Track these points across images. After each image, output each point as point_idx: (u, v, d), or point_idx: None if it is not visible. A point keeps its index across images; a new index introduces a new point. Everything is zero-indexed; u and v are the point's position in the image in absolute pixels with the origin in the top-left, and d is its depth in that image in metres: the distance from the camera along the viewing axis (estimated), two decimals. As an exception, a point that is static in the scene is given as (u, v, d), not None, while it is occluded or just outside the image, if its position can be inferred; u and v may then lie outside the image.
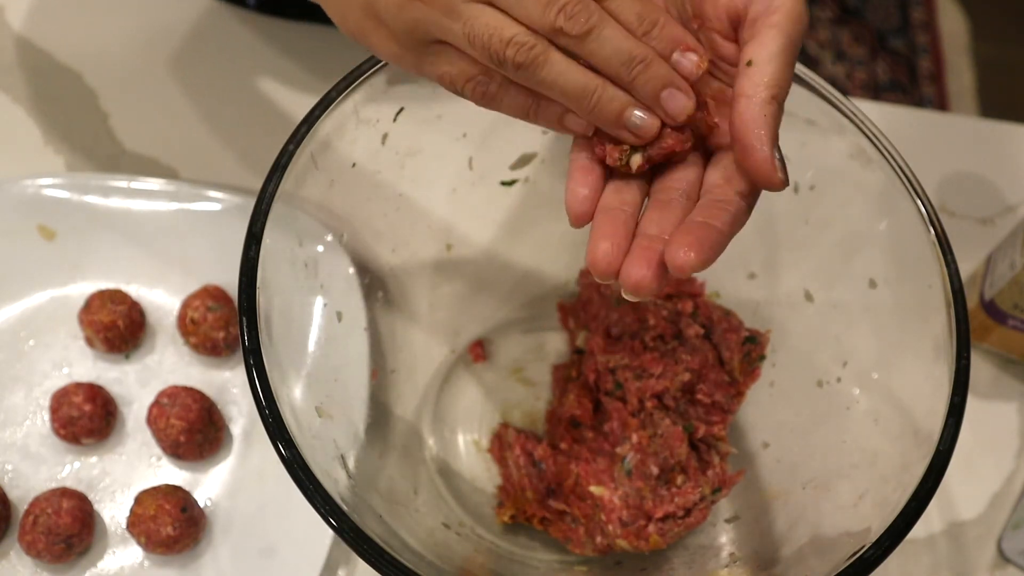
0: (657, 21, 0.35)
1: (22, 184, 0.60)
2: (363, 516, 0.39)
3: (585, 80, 0.34)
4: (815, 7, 1.64)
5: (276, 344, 0.41)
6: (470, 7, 0.34)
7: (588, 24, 0.33)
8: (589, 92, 0.34)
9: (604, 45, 0.34)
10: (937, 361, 0.41)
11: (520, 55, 0.34)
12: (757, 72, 0.34)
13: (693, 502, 0.48)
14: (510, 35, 0.34)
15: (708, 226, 0.34)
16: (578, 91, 0.34)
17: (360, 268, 0.52)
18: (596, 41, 0.34)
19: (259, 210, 0.42)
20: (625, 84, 0.34)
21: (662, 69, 0.34)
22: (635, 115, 0.35)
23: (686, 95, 0.34)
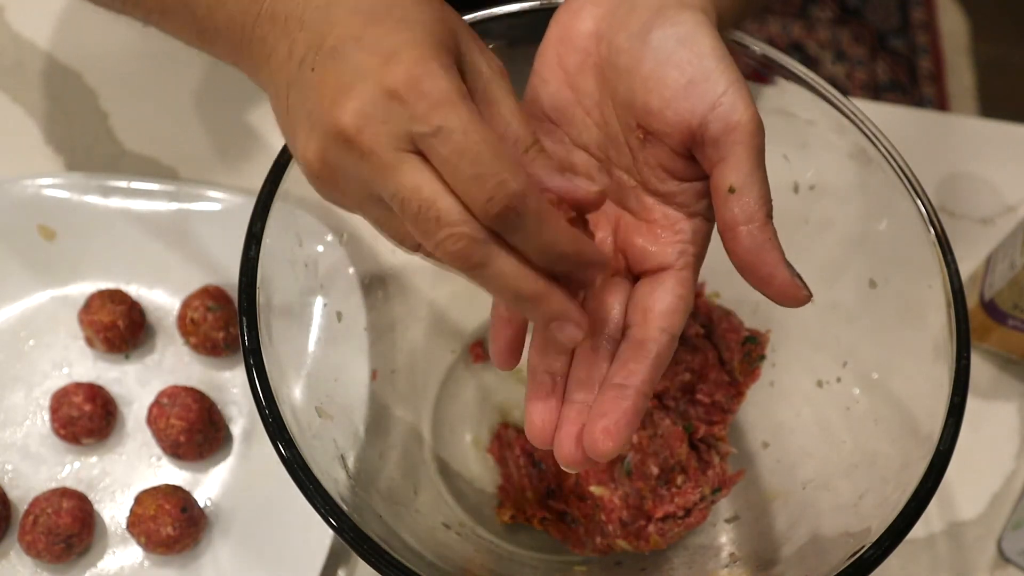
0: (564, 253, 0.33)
1: (22, 184, 0.60)
2: (363, 516, 0.39)
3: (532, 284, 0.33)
4: (815, 7, 1.64)
5: (276, 344, 0.41)
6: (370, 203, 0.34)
7: (470, 262, 0.32)
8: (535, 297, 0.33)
9: (489, 282, 0.33)
10: (937, 361, 0.41)
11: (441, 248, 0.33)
12: (744, 197, 0.34)
13: (693, 502, 0.48)
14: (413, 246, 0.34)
15: (623, 391, 0.35)
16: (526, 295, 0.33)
17: (360, 268, 0.52)
18: (481, 278, 0.33)
19: (259, 210, 0.42)
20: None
21: (550, 306, 0.33)
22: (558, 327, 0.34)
23: (577, 324, 0.34)
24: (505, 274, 0.32)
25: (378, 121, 0.32)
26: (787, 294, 0.35)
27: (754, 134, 0.35)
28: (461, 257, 0.32)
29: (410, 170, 0.31)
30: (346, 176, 0.33)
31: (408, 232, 0.34)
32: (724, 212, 0.35)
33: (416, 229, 0.32)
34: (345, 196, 0.35)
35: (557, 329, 0.33)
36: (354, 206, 0.35)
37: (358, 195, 0.34)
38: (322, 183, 0.35)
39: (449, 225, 0.31)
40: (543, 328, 0.34)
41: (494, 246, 0.32)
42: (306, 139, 0.34)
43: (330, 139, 0.33)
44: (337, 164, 0.33)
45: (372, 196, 0.33)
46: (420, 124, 0.31)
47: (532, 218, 0.31)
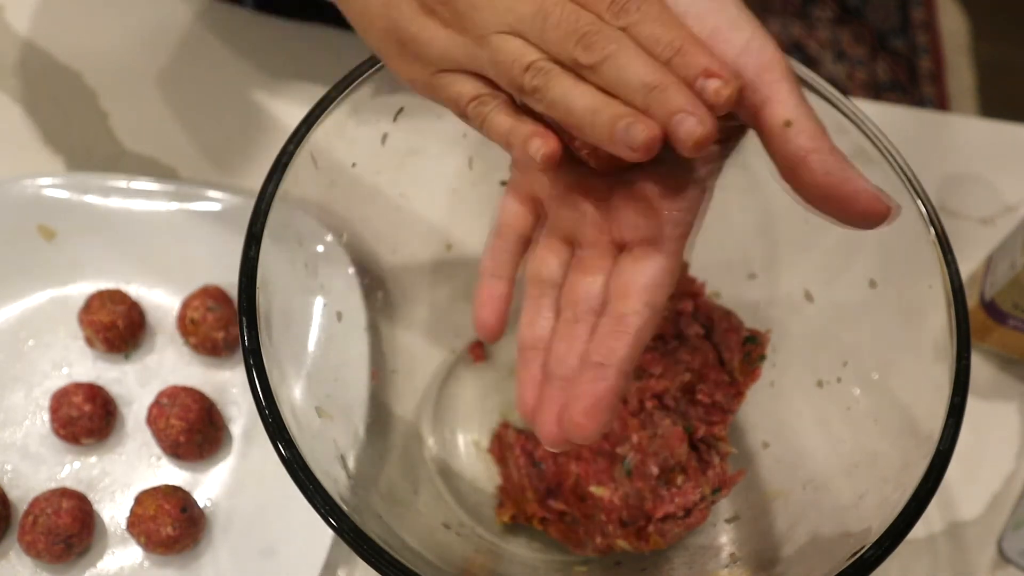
0: (680, 48, 0.34)
1: (22, 184, 0.60)
2: (363, 516, 0.39)
3: (590, 100, 0.34)
4: (815, 7, 1.64)
5: (276, 344, 0.41)
6: (498, 38, 0.35)
7: (604, 52, 0.34)
8: (590, 110, 0.34)
9: (620, 72, 0.34)
10: (937, 361, 0.41)
11: (536, 79, 0.34)
12: (804, 127, 0.34)
13: (693, 502, 0.48)
14: (529, 60, 0.34)
15: (602, 371, 0.35)
16: (580, 109, 0.34)
17: (360, 268, 0.52)
18: (612, 69, 0.34)
19: (259, 210, 0.42)
20: (641, 111, 0.34)
21: (677, 96, 0.33)
22: (629, 124, 0.33)
23: (697, 120, 0.32)
24: (636, 60, 0.33)
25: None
26: (876, 209, 0.34)
27: (791, 71, 0.35)
28: (597, 48, 0.33)
29: (503, 37, 0.35)
30: (477, 17, 0.35)
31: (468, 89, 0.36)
32: (787, 146, 0.34)
33: (554, 35, 0.34)
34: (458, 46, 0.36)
35: (680, 121, 0.32)
36: (465, 56, 0.36)
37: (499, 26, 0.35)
38: (437, 42, 0.36)
39: (589, 23, 0.34)
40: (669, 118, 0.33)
41: (624, 38, 0.34)
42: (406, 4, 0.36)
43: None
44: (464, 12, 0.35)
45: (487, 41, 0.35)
46: None
47: (652, 9, 0.34)
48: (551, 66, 0.34)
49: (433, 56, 0.37)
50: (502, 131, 0.36)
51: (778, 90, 0.35)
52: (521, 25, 0.35)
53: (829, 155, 0.34)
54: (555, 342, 0.37)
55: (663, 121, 0.33)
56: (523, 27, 0.35)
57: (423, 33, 0.36)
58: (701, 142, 0.32)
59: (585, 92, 0.34)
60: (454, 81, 0.37)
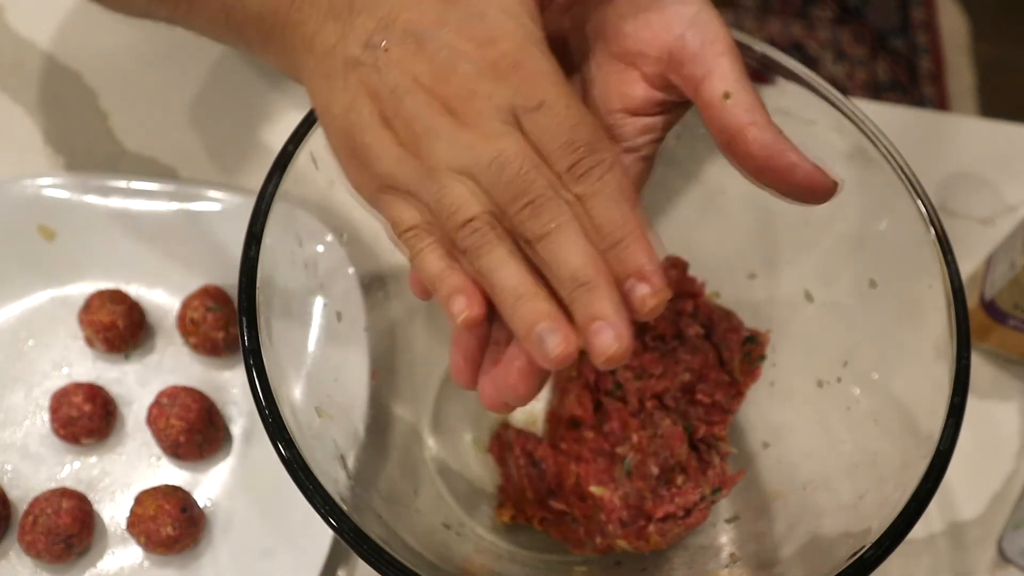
0: (619, 240, 0.32)
1: (22, 184, 0.60)
2: (363, 516, 0.39)
3: (516, 283, 0.33)
4: (815, 7, 1.64)
5: (276, 344, 0.41)
6: (448, 175, 0.33)
7: (546, 227, 0.32)
8: (515, 295, 0.33)
9: (555, 255, 0.32)
10: (937, 361, 0.41)
11: (470, 239, 0.33)
12: (742, 100, 0.35)
13: (693, 502, 0.48)
14: (470, 215, 0.33)
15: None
16: (505, 291, 0.33)
17: (360, 268, 0.52)
18: (549, 249, 0.32)
19: (259, 210, 0.42)
20: (565, 302, 0.32)
21: (601, 301, 0.31)
22: (546, 331, 0.32)
23: (615, 335, 0.31)
24: (575, 247, 0.32)
25: (483, 96, 0.33)
26: (814, 183, 0.34)
27: (734, 46, 0.35)
28: (544, 217, 0.32)
29: (513, 138, 0.33)
30: (432, 147, 0.34)
31: (410, 215, 0.34)
32: (726, 118, 0.35)
33: (509, 191, 0.33)
34: (407, 171, 0.34)
35: (597, 330, 0.31)
36: (411, 182, 0.34)
37: (423, 171, 0.34)
38: (386, 159, 0.35)
39: (545, 187, 0.33)
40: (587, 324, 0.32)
41: (571, 217, 0.33)
42: (355, 110, 0.35)
43: (407, 108, 0.34)
44: (414, 125, 0.34)
45: (435, 176, 0.34)
46: (525, 98, 0.33)
47: (612, 187, 0.32)
48: (488, 229, 0.33)
49: (380, 171, 0.35)
50: (429, 275, 0.34)
51: (719, 64, 0.35)
52: (476, 169, 0.33)
53: (765, 128, 0.34)
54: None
55: (581, 323, 0.32)
56: (477, 172, 0.33)
57: (375, 145, 0.35)
58: (613, 359, 0.31)
59: (514, 273, 0.33)
60: (395, 203, 0.35)
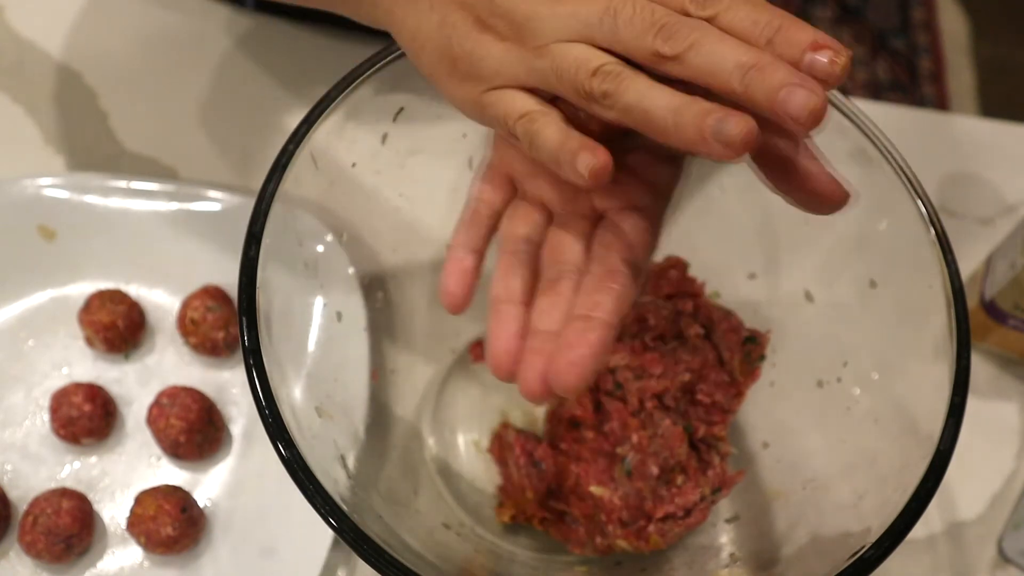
0: (779, 25, 0.32)
1: (22, 184, 0.60)
2: (363, 516, 0.39)
3: (669, 99, 0.32)
4: (815, 7, 1.63)
5: (276, 344, 0.41)
6: (560, 46, 0.33)
7: (688, 40, 0.31)
8: (672, 110, 0.31)
9: (709, 57, 0.31)
10: (937, 361, 0.41)
11: (606, 83, 0.33)
12: None
13: (693, 502, 0.48)
14: (597, 64, 0.33)
15: (589, 326, 0.34)
16: (661, 110, 0.32)
17: (360, 268, 0.52)
18: (700, 55, 0.31)
19: (259, 210, 0.42)
20: (740, 96, 0.31)
21: (778, 70, 0.30)
22: (719, 120, 0.30)
23: (808, 91, 0.30)
24: (722, 42, 0.31)
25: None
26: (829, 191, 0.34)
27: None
28: (680, 38, 0.31)
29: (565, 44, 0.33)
30: (537, 29, 0.34)
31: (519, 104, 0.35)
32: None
33: (630, 31, 0.32)
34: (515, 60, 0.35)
35: (787, 96, 0.30)
36: (522, 69, 0.35)
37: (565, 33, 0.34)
38: (492, 57, 0.35)
39: (666, 14, 0.32)
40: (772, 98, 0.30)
41: (707, 24, 0.32)
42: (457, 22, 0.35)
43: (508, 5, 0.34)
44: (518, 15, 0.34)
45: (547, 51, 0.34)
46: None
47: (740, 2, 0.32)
48: (621, 68, 0.33)
49: (486, 72, 0.35)
50: (551, 147, 0.34)
51: None
52: (587, 30, 0.33)
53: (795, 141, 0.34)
54: (538, 297, 0.36)
55: (767, 100, 0.30)
56: (590, 31, 0.33)
57: (478, 49, 0.35)
58: (816, 113, 0.30)
59: (664, 91, 0.32)
60: (503, 98, 0.35)
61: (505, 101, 0.35)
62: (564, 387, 0.33)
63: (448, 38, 0.35)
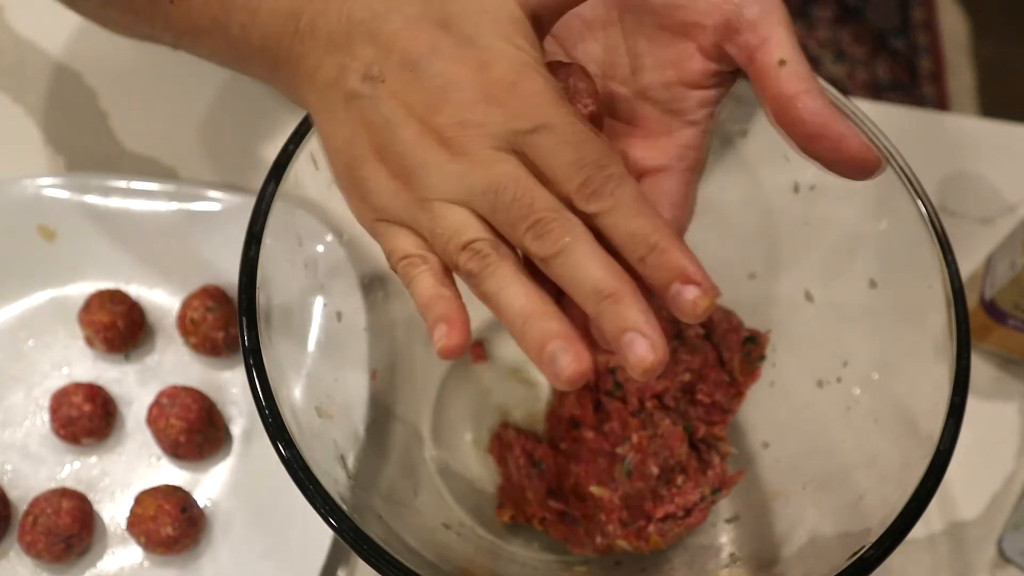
0: (655, 245, 0.31)
1: (22, 184, 0.60)
2: (363, 516, 0.39)
3: (522, 302, 0.32)
4: (815, 7, 1.63)
5: (276, 344, 0.41)
6: (441, 205, 0.33)
7: (557, 245, 0.31)
8: (522, 316, 0.32)
9: (573, 271, 0.31)
10: (937, 361, 0.41)
11: (472, 262, 0.32)
12: (796, 68, 0.35)
13: (693, 502, 0.48)
14: (467, 239, 0.32)
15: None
16: (512, 312, 0.32)
17: (360, 268, 0.52)
18: (564, 266, 0.31)
19: (259, 210, 0.42)
20: (592, 319, 0.31)
21: (630, 311, 0.30)
22: (557, 350, 0.30)
23: (649, 346, 0.30)
24: (590, 261, 0.31)
25: (475, 124, 0.32)
26: (862, 155, 0.34)
27: (789, 18, 0.35)
28: (550, 239, 0.31)
29: (509, 164, 0.32)
30: (423, 180, 0.33)
31: (403, 245, 0.34)
32: (780, 84, 0.34)
33: (508, 216, 0.32)
34: (401, 204, 0.34)
35: (629, 342, 0.30)
36: (406, 215, 0.34)
37: (446, 194, 0.33)
38: (381, 193, 0.35)
39: (544, 208, 0.32)
40: (617, 337, 0.30)
41: (586, 234, 0.31)
42: (347, 145, 0.35)
43: (403, 139, 0.33)
44: (409, 160, 0.34)
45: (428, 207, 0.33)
46: (522, 122, 0.32)
47: (629, 199, 0.31)
48: (491, 250, 0.32)
49: (376, 204, 0.35)
50: (419, 301, 0.34)
51: (776, 32, 0.35)
52: (470, 197, 0.33)
53: (819, 96, 0.34)
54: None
55: (612, 336, 0.30)
56: (472, 201, 0.33)
57: (371, 179, 0.35)
58: (650, 370, 0.30)
59: (519, 293, 0.32)
60: (391, 233, 0.35)
61: (392, 237, 0.35)
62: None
63: (352, 156, 0.35)
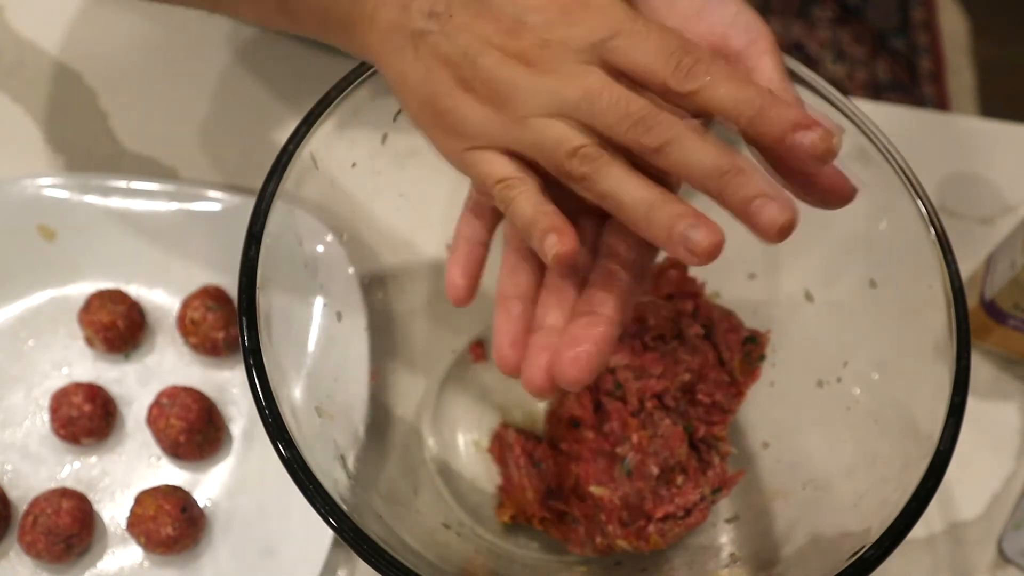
0: (763, 103, 0.32)
1: (22, 184, 0.60)
2: (363, 516, 0.39)
3: (642, 193, 0.33)
4: (815, 7, 1.63)
5: (276, 344, 0.41)
6: (540, 121, 0.34)
7: (665, 135, 0.32)
8: (646, 204, 0.32)
9: (688, 155, 0.32)
10: (937, 361, 0.41)
11: (584, 165, 0.33)
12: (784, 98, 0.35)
13: (693, 502, 0.48)
14: (575, 145, 0.33)
15: (593, 321, 0.34)
16: (635, 203, 0.33)
17: (360, 268, 0.52)
18: (679, 151, 0.32)
19: (259, 210, 0.42)
20: (714, 196, 0.32)
21: (753, 179, 0.31)
22: (689, 227, 0.31)
23: (779, 207, 0.31)
24: (700, 147, 0.32)
25: (558, 43, 0.33)
26: (838, 185, 0.35)
27: (776, 46, 0.36)
28: (656, 133, 0.32)
29: (597, 74, 0.33)
30: (519, 100, 0.34)
31: (498, 168, 0.35)
32: None
33: (607, 118, 0.33)
34: (496, 127, 0.35)
35: (759, 207, 0.31)
36: (504, 136, 0.35)
37: (540, 109, 0.34)
38: (474, 120, 0.35)
39: (642, 107, 0.32)
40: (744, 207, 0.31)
41: (683, 122, 0.32)
42: (434, 81, 0.35)
43: (479, 65, 0.34)
44: (495, 86, 0.34)
45: (527, 124, 0.34)
46: (601, 32, 0.33)
47: (721, 71, 0.32)
48: (600, 152, 0.33)
49: (468, 132, 0.35)
50: (523, 220, 0.34)
51: (764, 62, 0.36)
52: (567, 108, 0.33)
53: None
54: (543, 294, 0.37)
55: (740, 208, 0.31)
56: (569, 111, 0.33)
57: (459, 109, 0.35)
58: (784, 230, 0.31)
59: (640, 184, 0.33)
60: (484, 159, 0.35)
61: (485, 163, 0.35)
62: (568, 381, 0.33)
63: (433, 92, 0.35)
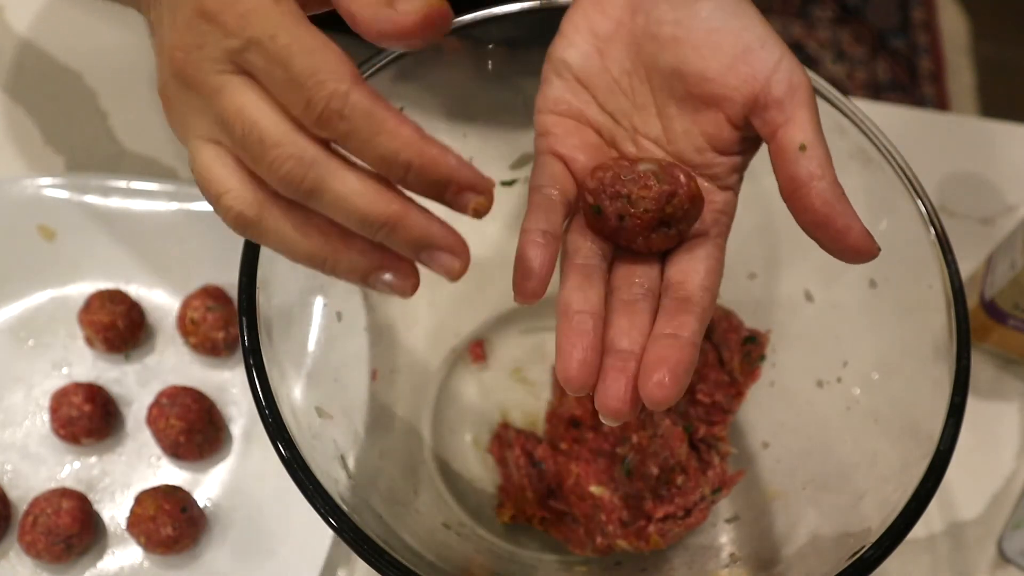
0: (410, 163, 0.29)
1: (22, 184, 0.60)
2: (363, 516, 0.39)
3: (312, 247, 0.31)
4: (815, 7, 1.63)
5: (276, 344, 0.41)
6: (198, 145, 0.32)
7: (303, 186, 0.29)
8: (317, 260, 0.31)
9: (331, 209, 0.30)
10: (937, 361, 0.41)
11: (229, 222, 0.31)
12: (815, 155, 0.35)
13: (693, 502, 0.48)
14: (222, 190, 0.31)
15: (677, 340, 0.34)
16: (307, 259, 0.31)
17: (360, 268, 0.52)
18: (320, 205, 0.30)
19: (259, 210, 0.42)
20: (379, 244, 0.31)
21: (410, 233, 0.30)
22: (384, 278, 0.31)
23: (451, 252, 0.30)
24: (346, 196, 0.29)
25: (195, 47, 0.30)
26: (862, 246, 0.35)
27: (814, 98, 0.36)
28: (292, 181, 0.29)
29: (232, 91, 0.30)
30: (184, 112, 0.32)
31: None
32: (797, 169, 0.35)
33: (246, 156, 0.30)
34: (189, 133, 0.32)
35: (428, 259, 0.30)
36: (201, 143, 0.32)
37: (200, 131, 0.31)
38: (172, 121, 0.33)
39: (274, 145, 0.29)
40: (414, 258, 0.30)
41: (331, 164, 0.29)
42: (159, 75, 0.33)
43: (167, 75, 0.32)
44: (175, 100, 0.32)
45: (189, 144, 0.32)
46: (232, 39, 0.29)
47: (362, 120, 0.28)
48: (239, 204, 0.31)
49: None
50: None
51: (800, 115, 0.36)
52: (214, 133, 0.31)
53: (832, 186, 0.35)
54: (616, 316, 0.35)
55: (412, 259, 0.30)
56: (217, 135, 0.31)
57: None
58: (461, 271, 0.30)
59: (303, 236, 0.31)
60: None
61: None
62: (655, 403, 0.32)
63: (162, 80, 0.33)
